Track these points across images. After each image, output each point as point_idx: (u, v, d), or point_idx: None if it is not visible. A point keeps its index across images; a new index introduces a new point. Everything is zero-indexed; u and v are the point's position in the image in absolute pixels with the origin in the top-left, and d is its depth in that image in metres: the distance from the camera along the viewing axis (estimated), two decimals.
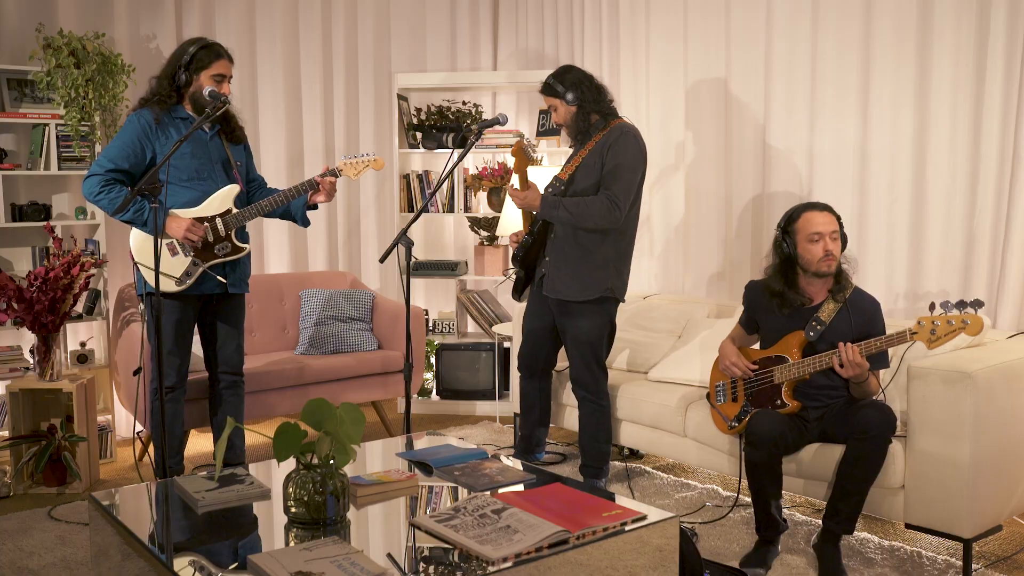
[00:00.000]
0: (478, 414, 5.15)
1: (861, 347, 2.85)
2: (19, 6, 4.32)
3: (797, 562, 2.99)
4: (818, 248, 2.95)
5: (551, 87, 3.55)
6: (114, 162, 3.30)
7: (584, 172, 3.48)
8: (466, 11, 5.84)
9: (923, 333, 2.78)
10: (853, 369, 2.85)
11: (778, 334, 3.10)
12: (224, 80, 3.38)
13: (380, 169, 3.55)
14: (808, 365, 2.97)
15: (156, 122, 3.34)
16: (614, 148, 3.43)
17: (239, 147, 3.58)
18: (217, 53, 3.38)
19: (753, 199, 4.45)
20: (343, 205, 5.53)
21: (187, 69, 3.35)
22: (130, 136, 3.33)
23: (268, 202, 3.42)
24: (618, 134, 3.46)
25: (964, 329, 2.72)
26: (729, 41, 4.48)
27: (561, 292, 3.55)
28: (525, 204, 3.48)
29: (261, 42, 5.16)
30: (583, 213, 3.40)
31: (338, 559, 1.87)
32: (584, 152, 3.51)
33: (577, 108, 3.51)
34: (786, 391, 3.04)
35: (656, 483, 3.86)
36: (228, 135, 3.52)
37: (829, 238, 2.95)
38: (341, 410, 2.15)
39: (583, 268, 3.50)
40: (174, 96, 3.39)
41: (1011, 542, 3.17)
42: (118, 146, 3.32)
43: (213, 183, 3.43)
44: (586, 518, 2.11)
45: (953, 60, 3.65)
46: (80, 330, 4.48)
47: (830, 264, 2.96)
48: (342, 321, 4.65)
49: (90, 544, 2.63)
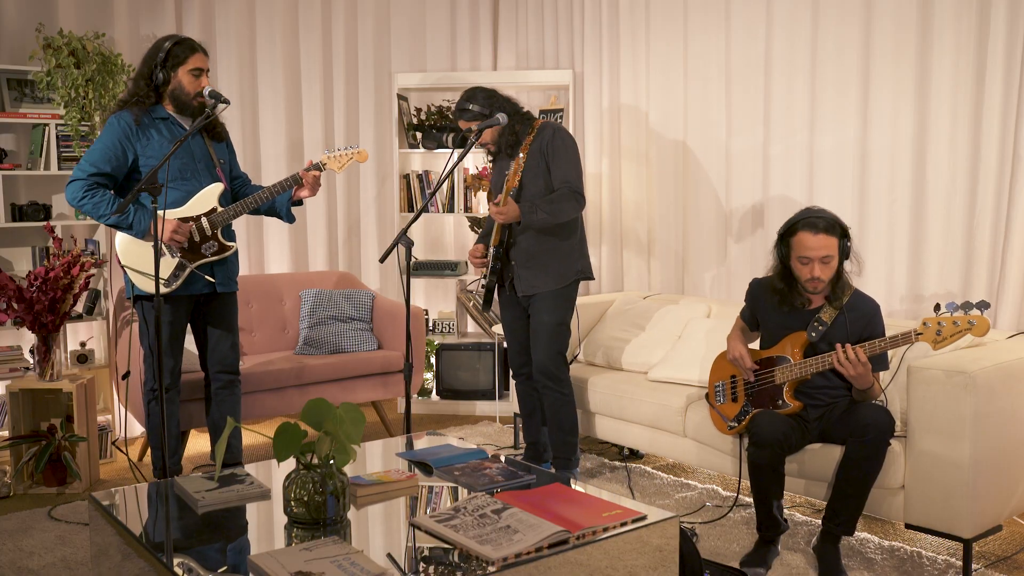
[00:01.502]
0: (478, 414, 5.15)
1: (865, 347, 2.84)
2: (19, 6, 4.33)
3: (797, 562, 2.99)
4: (806, 271, 2.95)
5: (478, 114, 3.62)
6: (96, 166, 3.26)
7: (531, 175, 3.61)
8: (466, 11, 5.84)
9: (928, 334, 2.77)
10: (856, 368, 2.84)
11: (779, 334, 3.10)
12: (203, 74, 3.35)
13: (364, 161, 3.56)
14: (810, 365, 2.97)
15: (136, 123, 3.29)
16: (553, 144, 3.60)
17: (221, 145, 3.55)
18: (192, 47, 3.33)
19: (753, 199, 4.45)
20: (343, 205, 5.53)
21: (163, 67, 3.30)
22: (111, 139, 3.28)
23: (253, 199, 3.39)
24: (551, 132, 3.62)
25: (971, 330, 2.72)
26: (729, 41, 4.48)
27: (536, 287, 3.66)
28: (508, 218, 3.55)
29: (261, 42, 5.16)
30: (558, 210, 3.53)
31: (338, 559, 1.87)
32: (520, 158, 3.63)
33: (506, 124, 3.62)
34: (787, 391, 3.04)
35: (656, 483, 3.86)
36: (210, 133, 3.49)
37: (818, 263, 2.91)
38: (341, 410, 2.15)
39: (553, 260, 3.65)
40: (152, 96, 3.34)
41: (1011, 542, 3.17)
42: (99, 149, 3.27)
43: (197, 182, 3.39)
44: (586, 518, 2.11)
45: (953, 60, 3.65)
46: (80, 330, 4.48)
47: (815, 287, 2.95)
48: (342, 321, 4.65)
49: (90, 544, 2.63)
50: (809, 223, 2.94)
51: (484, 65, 5.90)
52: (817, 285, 2.95)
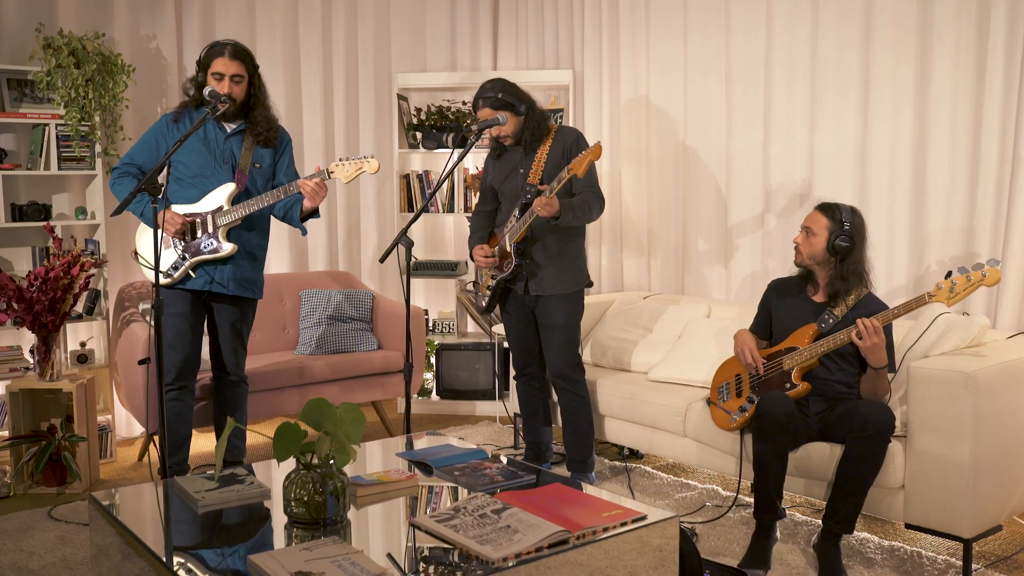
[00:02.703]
0: (478, 414, 5.15)
1: (878, 317, 2.88)
2: (19, 6, 4.32)
3: (797, 562, 2.99)
4: (798, 237, 3.16)
5: (500, 100, 3.59)
6: (131, 157, 3.50)
7: (550, 174, 3.60)
8: (466, 11, 5.84)
9: (942, 294, 2.82)
10: (871, 338, 2.86)
11: (791, 327, 3.15)
12: (224, 78, 3.38)
13: (375, 172, 3.46)
14: (820, 347, 3.00)
15: (174, 120, 3.50)
16: (578, 148, 3.60)
17: (267, 150, 3.56)
18: (217, 51, 3.40)
19: (753, 199, 4.45)
20: (343, 205, 5.53)
21: (200, 69, 3.46)
22: (149, 134, 3.52)
23: (255, 201, 3.42)
24: (575, 136, 3.65)
25: (983, 281, 2.77)
26: (729, 41, 4.48)
27: (553, 287, 3.63)
28: (551, 212, 3.46)
29: (261, 42, 5.16)
30: (587, 211, 3.55)
31: (338, 559, 1.87)
32: (542, 156, 3.62)
33: (526, 117, 3.63)
34: (796, 374, 3.06)
35: (656, 483, 3.86)
36: (255, 137, 3.51)
37: (804, 232, 3.13)
38: (341, 410, 2.15)
39: (565, 262, 3.65)
40: (199, 96, 3.48)
41: (1011, 542, 3.17)
42: (138, 144, 3.52)
43: (216, 181, 3.45)
44: (586, 518, 2.11)
45: (953, 60, 3.65)
46: (80, 330, 4.48)
47: (796, 256, 3.17)
48: (342, 321, 4.65)
49: (90, 544, 2.63)
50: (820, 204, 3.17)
51: (484, 65, 5.90)
52: (796, 255, 3.16)
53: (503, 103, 3.59)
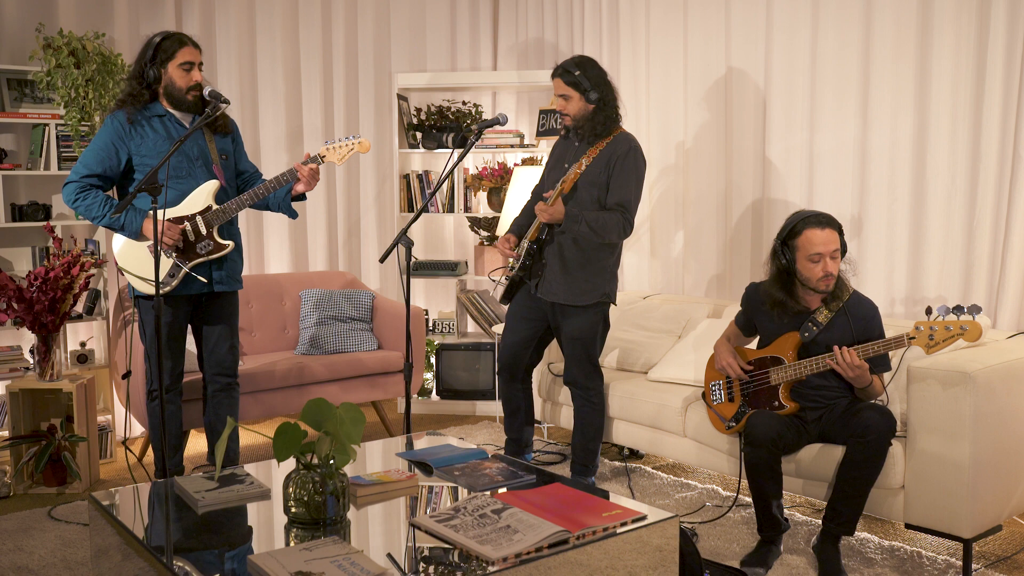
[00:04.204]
0: (478, 414, 5.15)
1: (859, 350, 2.85)
2: (19, 6, 4.33)
3: (797, 562, 2.99)
4: (818, 269, 2.91)
5: (574, 78, 3.41)
6: (88, 168, 3.27)
7: (587, 183, 3.45)
8: (466, 11, 5.84)
9: (921, 338, 2.78)
10: (852, 371, 2.85)
11: (776, 332, 3.10)
12: (194, 67, 3.29)
13: (366, 151, 3.39)
14: (804, 367, 2.97)
15: (129, 122, 3.27)
16: (624, 164, 3.40)
17: (226, 139, 3.48)
18: (180, 41, 3.28)
19: (753, 199, 4.45)
20: (343, 205, 5.53)
21: (153, 63, 3.27)
22: (103, 140, 3.28)
23: (249, 195, 3.33)
24: (627, 148, 3.44)
25: (962, 335, 2.72)
26: (729, 41, 4.48)
27: (559, 296, 3.55)
28: (552, 218, 3.43)
29: (261, 42, 5.16)
30: (602, 228, 3.40)
31: (338, 559, 1.87)
32: (587, 159, 3.47)
33: (595, 108, 3.45)
34: (783, 392, 3.04)
35: (656, 483, 3.86)
36: (212, 127, 3.41)
37: (829, 258, 2.89)
38: (341, 410, 2.15)
39: (582, 274, 3.52)
40: (146, 94, 3.30)
41: (1011, 542, 3.17)
42: (92, 152, 3.28)
43: (193, 181, 3.33)
44: (586, 518, 2.11)
45: (953, 60, 3.65)
46: (80, 330, 4.48)
47: (828, 284, 2.92)
48: (342, 321, 4.65)
49: (90, 544, 2.62)
50: (814, 220, 2.92)
51: (484, 65, 5.90)
52: (830, 282, 2.91)
53: (574, 81, 3.41)
